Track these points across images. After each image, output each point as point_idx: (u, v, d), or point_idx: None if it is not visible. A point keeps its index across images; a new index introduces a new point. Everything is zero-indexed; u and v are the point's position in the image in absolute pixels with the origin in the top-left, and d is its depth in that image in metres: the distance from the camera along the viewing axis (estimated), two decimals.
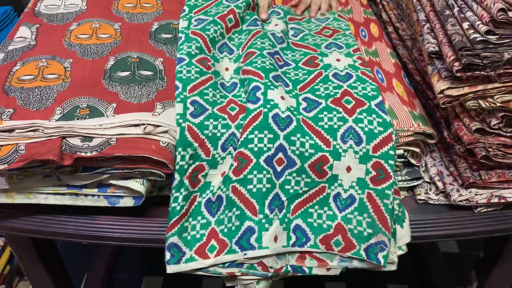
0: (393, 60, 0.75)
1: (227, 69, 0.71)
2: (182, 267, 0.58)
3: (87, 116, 0.59)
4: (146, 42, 0.73)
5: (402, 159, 0.64)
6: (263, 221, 0.57)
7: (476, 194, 0.61)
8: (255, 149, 0.59)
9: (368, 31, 0.81)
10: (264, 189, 0.58)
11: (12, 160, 0.54)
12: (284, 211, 0.59)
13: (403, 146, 0.63)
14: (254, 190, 0.58)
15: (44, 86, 0.63)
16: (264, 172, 0.58)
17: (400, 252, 0.60)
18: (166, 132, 0.57)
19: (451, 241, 1.38)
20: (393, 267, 0.60)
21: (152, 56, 0.70)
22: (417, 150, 0.63)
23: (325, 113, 0.62)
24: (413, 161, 0.64)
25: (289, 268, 0.60)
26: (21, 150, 0.55)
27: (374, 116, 0.61)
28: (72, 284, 0.92)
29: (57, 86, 0.63)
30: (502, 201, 0.61)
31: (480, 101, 0.56)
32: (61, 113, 0.59)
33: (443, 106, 0.58)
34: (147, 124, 0.57)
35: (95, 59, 0.69)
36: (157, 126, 0.57)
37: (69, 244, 1.38)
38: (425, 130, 0.62)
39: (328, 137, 0.60)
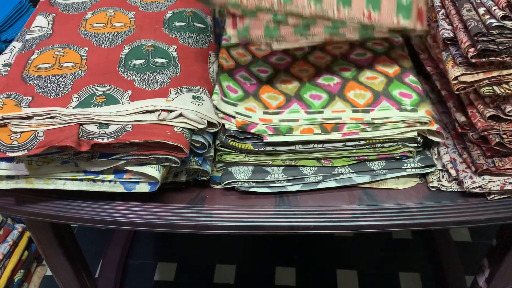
0: None
1: None
2: None
3: (103, 104, 0.60)
4: (160, 30, 0.73)
5: (415, 144, 0.64)
6: None
7: (489, 181, 0.61)
8: None
9: None
10: None
11: (32, 146, 0.55)
12: None
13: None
14: None
15: (61, 74, 0.64)
16: None
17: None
18: (179, 116, 0.58)
19: (463, 230, 1.38)
20: None
21: (166, 44, 0.70)
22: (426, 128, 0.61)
23: None
24: (435, 138, 0.63)
25: None
26: (40, 136, 0.56)
27: None
28: (89, 268, 0.94)
29: (73, 74, 0.65)
30: None
31: (495, 87, 0.55)
32: (78, 100, 0.60)
33: (457, 92, 0.57)
34: (161, 110, 0.58)
35: (110, 48, 0.69)
36: (171, 111, 0.58)
37: (84, 231, 1.41)
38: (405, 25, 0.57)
39: None
